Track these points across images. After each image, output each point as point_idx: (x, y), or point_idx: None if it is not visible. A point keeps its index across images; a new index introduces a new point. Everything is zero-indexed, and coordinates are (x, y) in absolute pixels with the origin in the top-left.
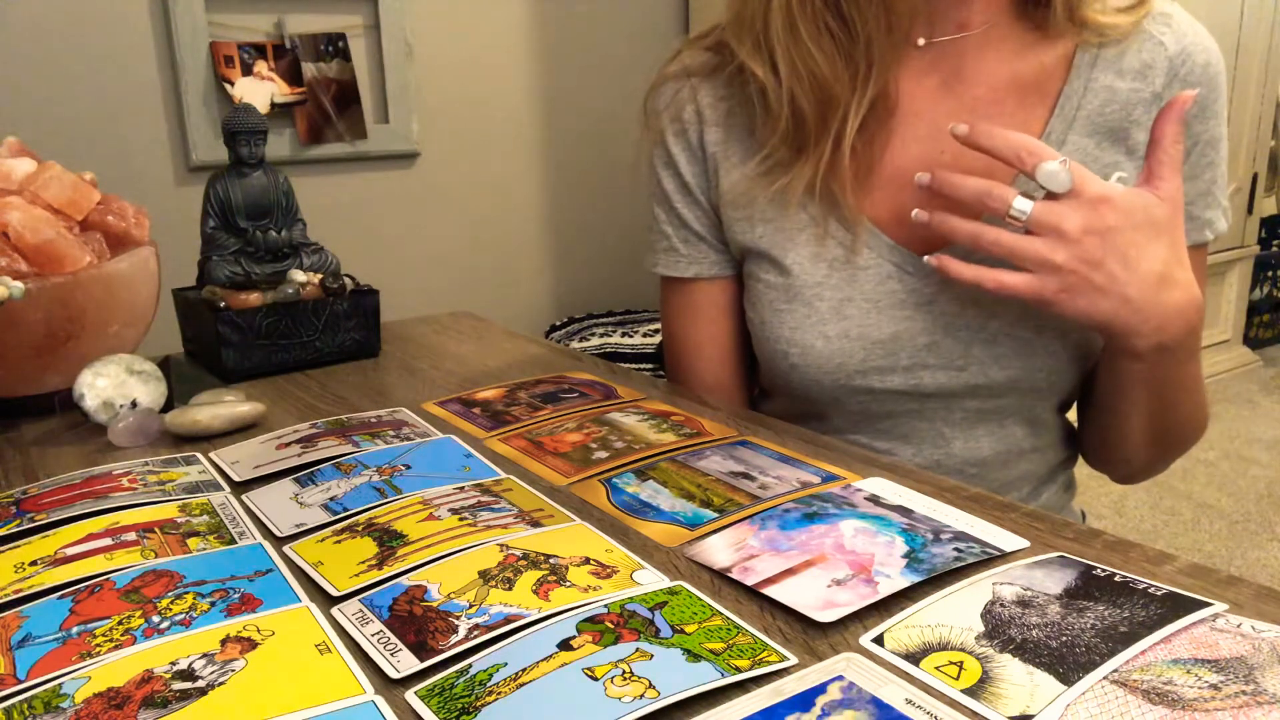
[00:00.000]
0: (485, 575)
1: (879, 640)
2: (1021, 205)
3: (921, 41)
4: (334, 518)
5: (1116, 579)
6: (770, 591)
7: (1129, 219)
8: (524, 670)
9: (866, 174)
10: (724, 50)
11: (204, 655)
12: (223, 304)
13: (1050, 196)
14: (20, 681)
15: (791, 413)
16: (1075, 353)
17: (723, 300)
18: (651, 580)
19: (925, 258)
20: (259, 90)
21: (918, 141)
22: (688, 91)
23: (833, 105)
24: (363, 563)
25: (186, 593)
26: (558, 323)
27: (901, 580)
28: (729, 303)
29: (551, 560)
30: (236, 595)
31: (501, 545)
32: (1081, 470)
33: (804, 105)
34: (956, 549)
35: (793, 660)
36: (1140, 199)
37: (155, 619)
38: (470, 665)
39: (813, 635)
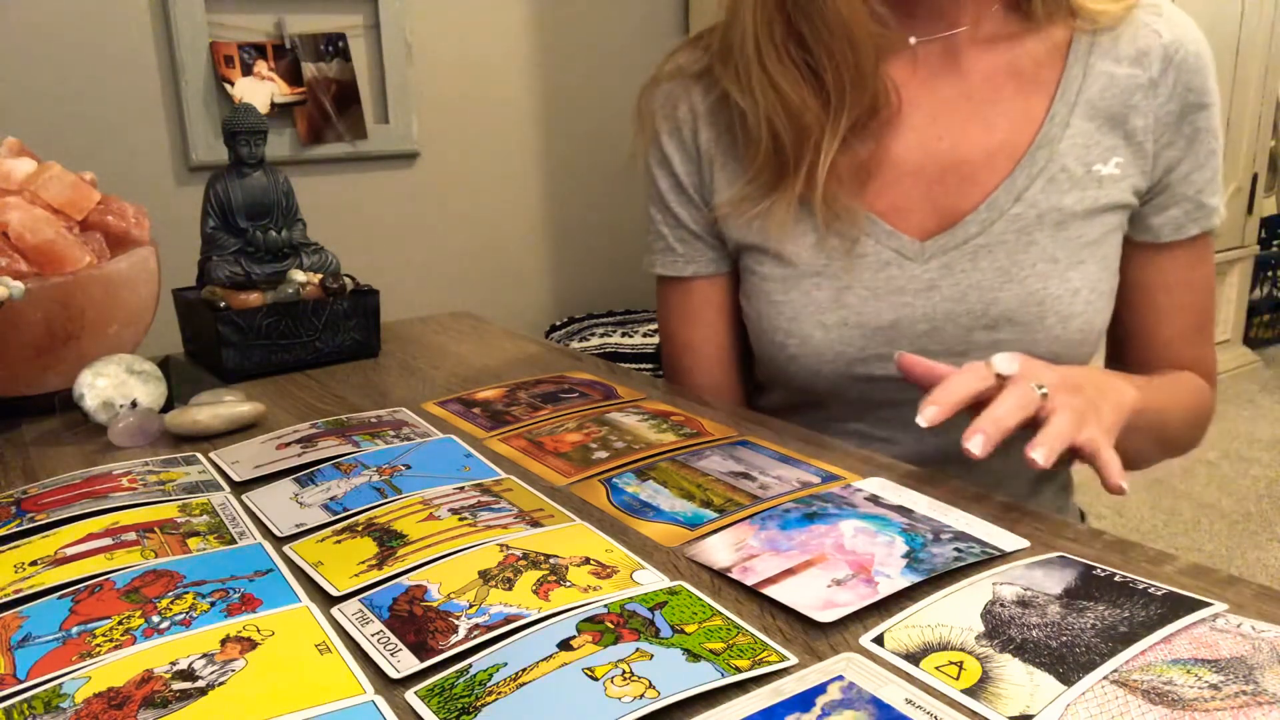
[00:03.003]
0: (485, 575)
1: (879, 640)
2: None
3: (913, 40)
4: (334, 518)
5: (1116, 579)
6: (770, 591)
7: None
8: (524, 670)
9: (865, 165)
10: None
11: (204, 655)
12: (223, 304)
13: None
14: (20, 681)
15: (789, 404)
16: (1078, 338)
17: (720, 298)
18: (651, 580)
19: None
20: (259, 90)
21: (915, 130)
22: (681, 91)
23: (806, 134)
24: (363, 563)
25: (186, 593)
26: (558, 323)
27: (901, 580)
28: (726, 301)
29: (551, 560)
30: (236, 595)
31: (501, 545)
32: (1081, 469)
33: (781, 132)
34: (956, 549)
35: (793, 660)
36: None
37: (155, 619)
38: (470, 665)
39: (813, 635)
